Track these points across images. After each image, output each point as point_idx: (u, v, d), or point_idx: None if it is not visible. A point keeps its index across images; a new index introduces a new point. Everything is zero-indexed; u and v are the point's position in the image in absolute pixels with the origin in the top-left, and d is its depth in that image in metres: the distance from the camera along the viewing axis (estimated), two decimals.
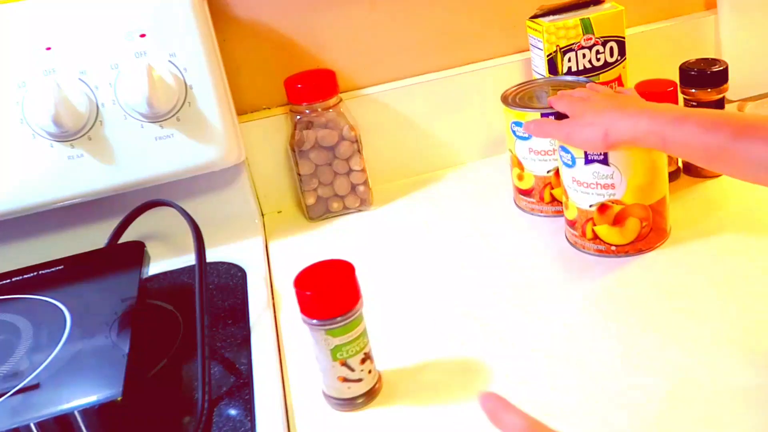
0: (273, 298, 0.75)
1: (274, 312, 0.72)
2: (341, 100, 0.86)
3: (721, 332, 0.60)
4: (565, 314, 0.65)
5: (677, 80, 0.80)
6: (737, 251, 0.70)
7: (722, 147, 0.57)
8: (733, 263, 0.68)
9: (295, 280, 0.55)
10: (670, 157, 0.78)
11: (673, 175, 0.81)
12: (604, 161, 0.68)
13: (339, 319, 0.54)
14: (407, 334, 0.66)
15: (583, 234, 0.73)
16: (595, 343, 0.61)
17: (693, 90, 0.80)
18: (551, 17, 0.86)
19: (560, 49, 0.86)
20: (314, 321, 0.55)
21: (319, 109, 0.84)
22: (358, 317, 0.56)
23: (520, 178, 0.81)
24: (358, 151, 0.87)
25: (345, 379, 0.57)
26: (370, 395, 0.59)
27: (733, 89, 0.99)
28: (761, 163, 0.55)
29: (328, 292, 0.54)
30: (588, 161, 0.68)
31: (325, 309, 0.54)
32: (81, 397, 0.53)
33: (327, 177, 0.87)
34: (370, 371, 0.58)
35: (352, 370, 0.57)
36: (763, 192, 0.78)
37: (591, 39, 0.86)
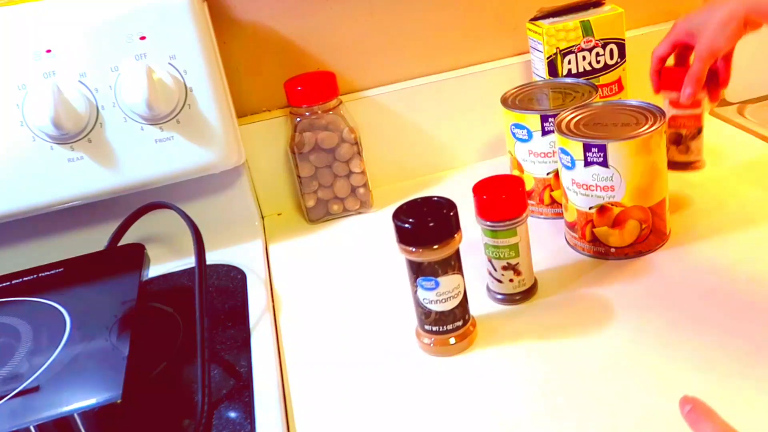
0: (273, 301, 0.75)
1: (274, 314, 0.72)
2: (341, 102, 0.86)
3: (721, 334, 0.60)
4: (564, 316, 0.65)
5: None
6: (737, 253, 0.70)
7: None
8: (733, 265, 0.68)
9: (481, 182, 0.66)
10: (688, 147, 0.79)
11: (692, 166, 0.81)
12: (604, 163, 0.68)
13: (489, 223, 0.65)
14: (405, 335, 0.66)
15: (583, 236, 0.73)
16: (595, 345, 0.61)
17: None
18: (551, 19, 0.86)
19: (560, 51, 0.86)
20: (478, 217, 0.66)
21: (319, 112, 0.84)
22: (504, 232, 0.65)
23: None
24: (358, 153, 0.87)
25: (489, 273, 0.68)
26: (508, 300, 0.68)
27: (733, 91, 0.99)
28: None
29: (490, 200, 0.64)
30: (587, 163, 0.68)
31: (483, 211, 0.65)
32: (81, 400, 0.53)
33: (327, 179, 0.87)
34: (511, 280, 0.67)
35: (494, 269, 0.68)
36: (762, 193, 0.78)
37: (591, 41, 0.86)
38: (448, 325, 0.63)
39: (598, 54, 0.87)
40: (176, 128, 0.75)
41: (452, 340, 0.63)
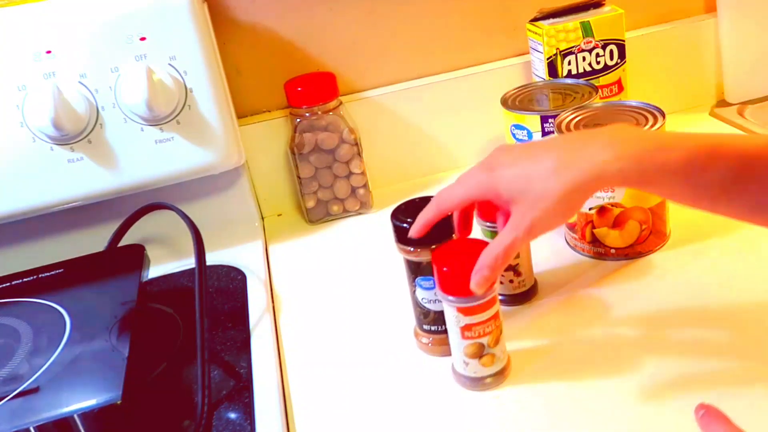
0: (273, 301, 0.75)
1: (274, 315, 0.72)
2: (341, 102, 0.86)
3: (721, 335, 0.60)
4: (564, 316, 0.65)
5: None
6: (737, 254, 0.70)
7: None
8: (732, 266, 0.68)
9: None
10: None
11: None
12: None
13: (489, 223, 0.59)
14: (404, 336, 0.66)
15: (583, 237, 0.73)
16: (594, 345, 0.61)
17: None
18: (551, 20, 0.87)
19: (560, 52, 0.86)
20: (478, 218, 0.59)
21: (319, 112, 0.84)
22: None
23: None
24: (358, 153, 0.87)
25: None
26: (508, 301, 0.67)
27: (733, 93, 0.99)
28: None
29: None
30: None
31: (483, 212, 0.61)
32: (81, 401, 0.53)
33: (327, 180, 0.87)
34: (511, 281, 0.66)
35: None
36: None
37: (591, 42, 0.86)
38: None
39: (598, 55, 0.87)
40: (176, 129, 0.75)
41: None
